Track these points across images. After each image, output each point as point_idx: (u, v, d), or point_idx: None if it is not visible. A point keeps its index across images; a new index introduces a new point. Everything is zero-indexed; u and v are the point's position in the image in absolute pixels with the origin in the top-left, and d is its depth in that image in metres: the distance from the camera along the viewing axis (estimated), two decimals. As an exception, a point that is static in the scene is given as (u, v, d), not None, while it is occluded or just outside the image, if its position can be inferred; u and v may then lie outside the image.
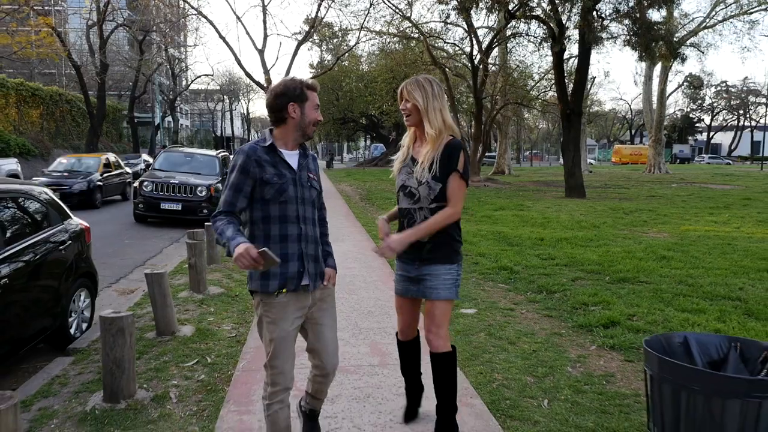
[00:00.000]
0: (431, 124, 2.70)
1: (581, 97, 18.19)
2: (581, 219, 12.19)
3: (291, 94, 2.45)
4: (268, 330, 2.44)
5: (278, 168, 2.46)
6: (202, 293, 5.83)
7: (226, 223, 2.40)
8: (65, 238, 4.76)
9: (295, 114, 2.47)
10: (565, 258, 7.90)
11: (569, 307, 5.55)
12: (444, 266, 2.78)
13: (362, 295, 5.97)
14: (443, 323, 2.84)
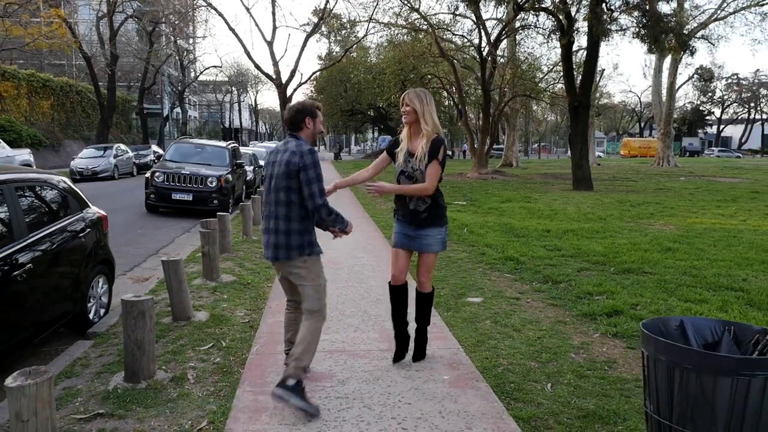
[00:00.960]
0: (426, 123, 3.64)
1: (589, 90, 18.19)
2: (588, 211, 12.26)
3: (307, 111, 3.38)
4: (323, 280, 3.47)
5: None
6: (215, 281, 5.98)
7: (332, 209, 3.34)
8: (84, 226, 4.92)
9: (310, 126, 3.39)
10: (571, 249, 8.00)
11: (574, 296, 5.66)
12: (436, 228, 3.79)
13: (371, 283, 6.10)
14: (431, 270, 3.99)
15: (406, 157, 3.73)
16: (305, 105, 3.47)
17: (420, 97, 3.65)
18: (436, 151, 3.64)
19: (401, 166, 3.76)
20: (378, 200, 15.54)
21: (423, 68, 31.81)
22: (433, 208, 3.75)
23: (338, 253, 7.76)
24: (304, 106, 3.45)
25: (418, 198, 3.71)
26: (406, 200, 3.80)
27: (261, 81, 72.98)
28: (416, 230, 3.78)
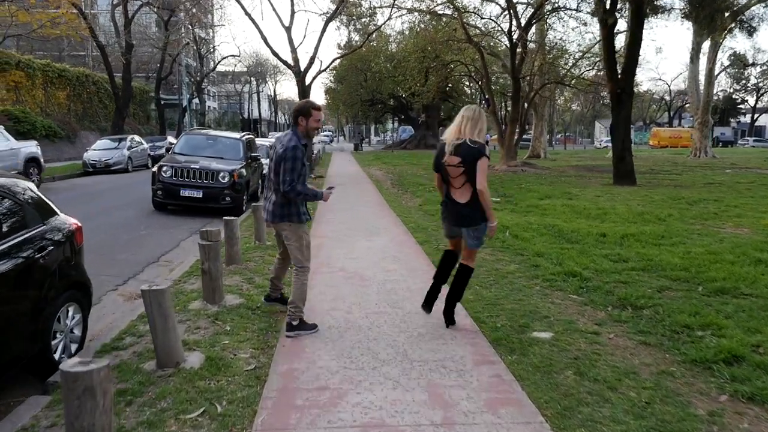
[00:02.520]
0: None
1: (633, 75, 16.73)
2: (642, 210, 10.94)
3: (302, 111, 4.27)
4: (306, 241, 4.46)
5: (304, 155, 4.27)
6: (217, 304, 4.89)
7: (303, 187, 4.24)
8: (47, 242, 3.85)
9: (303, 123, 4.26)
10: (639, 260, 6.75)
11: (668, 330, 4.45)
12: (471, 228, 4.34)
13: (407, 308, 4.95)
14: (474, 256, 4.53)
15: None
16: (302, 106, 4.38)
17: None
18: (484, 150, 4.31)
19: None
20: (404, 196, 14.36)
21: (447, 56, 30.44)
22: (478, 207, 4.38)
23: (364, 263, 6.63)
24: (300, 106, 4.39)
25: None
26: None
27: (280, 71, 72.00)
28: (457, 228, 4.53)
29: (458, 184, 4.27)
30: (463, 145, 4.18)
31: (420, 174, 21.06)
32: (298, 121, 4.24)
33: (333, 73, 51.22)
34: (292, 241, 4.33)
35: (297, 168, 4.14)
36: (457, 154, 4.18)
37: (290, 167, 4.13)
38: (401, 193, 15.07)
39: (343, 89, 50.20)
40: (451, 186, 4.34)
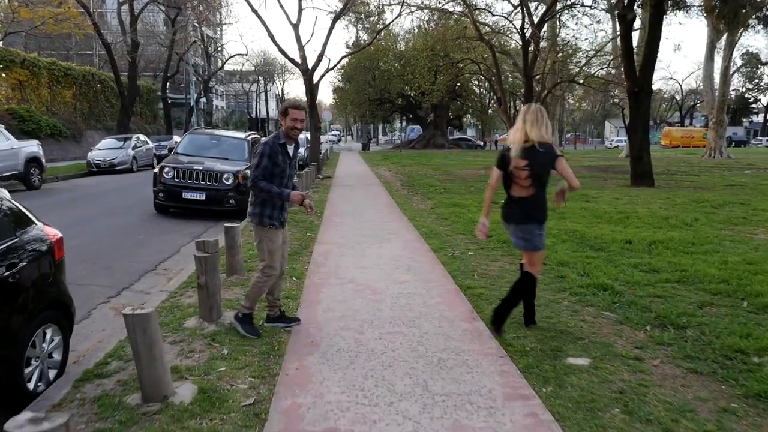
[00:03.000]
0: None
1: (651, 73, 16.11)
2: (665, 214, 10.39)
3: (282, 109, 4.27)
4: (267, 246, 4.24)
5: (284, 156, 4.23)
6: (215, 322, 4.43)
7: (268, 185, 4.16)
8: (19, 257, 3.40)
9: (282, 123, 4.24)
10: (672, 270, 6.24)
11: (718, 355, 3.95)
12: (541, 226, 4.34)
13: (425, 328, 4.47)
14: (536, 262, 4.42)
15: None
16: (284, 104, 4.28)
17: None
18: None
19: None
20: (415, 198, 13.88)
21: (456, 54, 29.93)
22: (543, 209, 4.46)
23: (375, 273, 6.16)
24: (282, 105, 4.28)
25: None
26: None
27: (288, 70, 71.60)
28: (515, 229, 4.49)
29: (526, 184, 4.26)
30: (531, 149, 4.09)
31: (430, 175, 20.56)
32: (280, 121, 4.25)
33: (341, 72, 50.81)
34: (257, 242, 4.29)
35: (262, 164, 4.09)
36: (524, 158, 4.13)
37: (256, 162, 4.12)
38: (411, 195, 14.59)
39: (351, 88, 49.77)
40: (516, 185, 4.29)
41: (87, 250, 7.72)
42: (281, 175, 4.19)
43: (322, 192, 15.28)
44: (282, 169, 4.17)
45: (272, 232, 4.20)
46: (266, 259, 4.22)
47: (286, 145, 4.20)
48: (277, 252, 4.26)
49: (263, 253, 4.24)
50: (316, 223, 9.82)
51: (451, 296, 5.36)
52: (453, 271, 6.32)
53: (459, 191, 14.91)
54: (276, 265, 4.26)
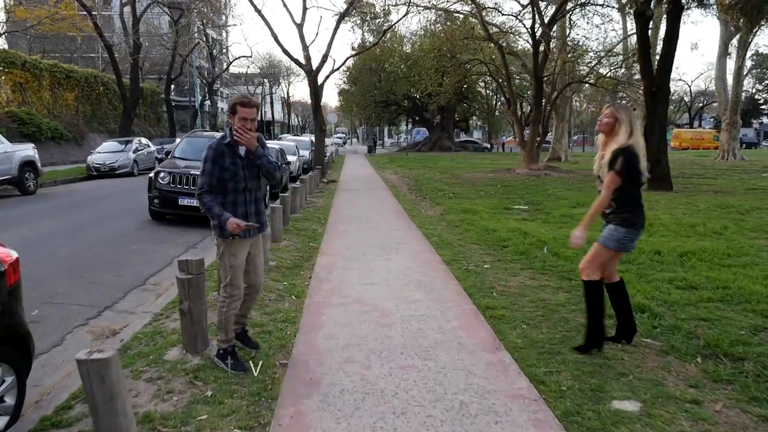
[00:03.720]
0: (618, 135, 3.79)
1: (669, 72, 15.48)
2: (691, 221, 9.76)
3: (230, 107, 3.67)
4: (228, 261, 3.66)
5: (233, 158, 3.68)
6: (200, 354, 3.86)
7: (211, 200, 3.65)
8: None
9: (232, 121, 3.67)
10: (712, 287, 5.62)
11: (791, 397, 3.34)
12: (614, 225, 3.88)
13: (441, 360, 3.87)
14: (594, 260, 4.03)
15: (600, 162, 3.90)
16: (232, 100, 3.68)
17: (627, 110, 3.83)
18: (614, 162, 3.71)
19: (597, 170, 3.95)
20: (423, 203, 13.29)
21: (463, 55, 29.33)
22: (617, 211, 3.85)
23: (383, 291, 5.57)
24: (231, 101, 3.69)
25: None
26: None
27: (293, 72, 71.24)
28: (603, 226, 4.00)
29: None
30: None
31: (438, 178, 19.97)
32: (229, 120, 3.69)
33: (347, 75, 50.30)
34: (218, 258, 3.75)
35: (207, 170, 3.59)
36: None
37: (202, 170, 3.64)
38: (419, 200, 13.99)
39: (356, 90, 49.24)
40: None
41: (72, 262, 7.17)
42: (234, 180, 3.64)
43: (326, 197, 14.71)
44: (233, 173, 3.63)
45: (236, 244, 3.65)
46: (228, 275, 3.67)
47: (232, 145, 3.65)
48: (240, 268, 3.71)
49: (224, 270, 3.70)
50: (320, 231, 9.25)
51: (469, 319, 4.77)
52: (469, 287, 5.73)
53: (469, 196, 14.31)
54: (239, 283, 3.73)
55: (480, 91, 51.57)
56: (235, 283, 3.69)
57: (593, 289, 4.01)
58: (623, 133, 3.74)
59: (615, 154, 3.72)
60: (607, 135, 3.87)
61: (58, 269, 6.81)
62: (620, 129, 3.76)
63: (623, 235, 3.85)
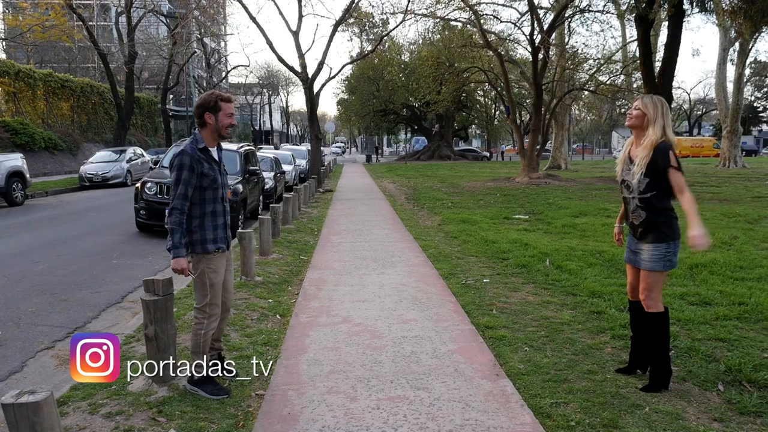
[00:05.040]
0: (654, 131, 3.34)
1: (671, 79, 15.23)
2: (698, 231, 9.38)
3: (207, 105, 3.35)
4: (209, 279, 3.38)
5: (210, 163, 3.38)
6: (168, 384, 3.47)
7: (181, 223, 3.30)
8: None
9: (211, 121, 3.37)
10: (728, 303, 5.26)
11: (829, 434, 2.96)
12: (651, 245, 3.39)
13: (437, 391, 3.48)
14: (653, 288, 3.45)
15: (627, 165, 3.48)
16: (206, 98, 3.40)
17: (656, 104, 3.39)
18: (667, 158, 3.28)
19: (622, 174, 3.51)
20: (420, 213, 12.92)
21: (461, 63, 29.13)
22: (648, 224, 3.40)
23: (375, 309, 5.19)
24: (204, 99, 3.40)
25: (634, 210, 3.45)
26: (625, 210, 3.61)
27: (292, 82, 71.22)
28: (637, 243, 3.52)
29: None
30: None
31: (436, 187, 19.63)
32: (205, 120, 3.36)
33: (345, 83, 50.13)
34: (195, 276, 3.44)
35: (183, 178, 3.25)
36: None
37: (174, 180, 3.28)
38: (417, 210, 13.63)
39: (355, 99, 49.06)
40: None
41: (48, 278, 6.80)
42: (214, 187, 3.38)
43: (322, 206, 14.35)
44: (213, 179, 3.37)
45: (217, 259, 3.42)
46: (208, 294, 3.40)
47: (208, 149, 3.39)
48: (220, 285, 3.47)
49: (204, 288, 3.41)
50: (312, 243, 8.87)
51: (467, 340, 4.39)
52: (467, 304, 5.35)
53: (468, 205, 13.95)
54: (219, 301, 3.47)
55: (479, 99, 51.44)
56: (215, 302, 3.45)
57: (661, 320, 3.50)
58: (659, 127, 3.32)
59: (662, 150, 3.27)
60: (637, 130, 3.45)
61: (31, 286, 6.44)
62: (655, 122, 3.33)
63: (665, 251, 3.40)
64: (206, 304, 3.42)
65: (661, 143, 3.31)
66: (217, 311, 3.48)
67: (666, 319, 3.52)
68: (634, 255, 3.54)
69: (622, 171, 3.53)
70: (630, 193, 3.46)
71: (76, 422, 3.08)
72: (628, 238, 3.64)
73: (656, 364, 3.51)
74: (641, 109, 3.41)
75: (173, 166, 3.32)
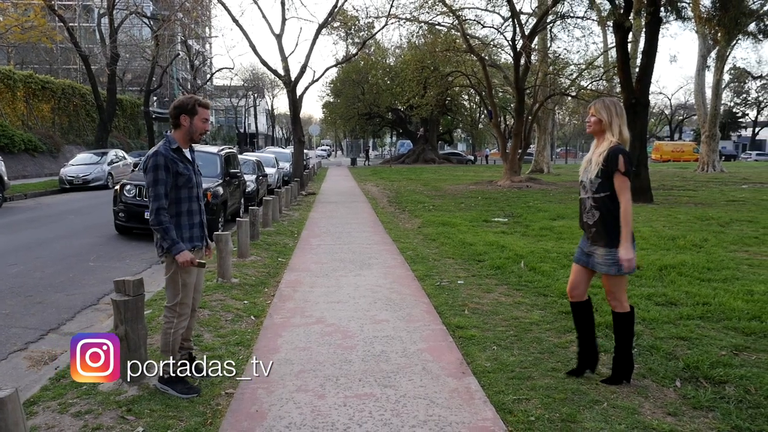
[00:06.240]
0: (612, 134, 3.44)
1: (648, 85, 15.51)
2: (671, 234, 9.60)
3: (183, 107, 3.42)
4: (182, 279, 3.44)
5: (184, 163, 3.44)
6: (138, 383, 3.52)
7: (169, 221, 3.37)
8: None
9: (185, 124, 3.43)
10: (692, 304, 5.41)
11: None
12: (604, 249, 3.44)
13: (403, 388, 3.56)
14: (616, 291, 3.56)
15: (588, 166, 3.54)
16: (184, 100, 3.45)
17: (608, 108, 3.48)
18: (616, 162, 3.35)
19: (582, 175, 3.57)
20: (401, 216, 13.03)
21: (446, 67, 29.33)
22: (602, 227, 3.43)
23: (349, 310, 5.27)
24: (182, 101, 3.45)
25: (588, 210, 3.50)
26: (580, 210, 3.62)
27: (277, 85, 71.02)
28: (590, 246, 3.56)
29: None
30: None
31: (419, 191, 19.76)
32: (180, 122, 3.41)
33: (330, 87, 50.20)
34: (167, 276, 3.50)
35: (160, 179, 3.31)
36: None
37: (152, 179, 3.32)
38: (398, 213, 13.74)
39: (340, 103, 49.16)
40: None
41: (23, 281, 6.78)
42: (189, 186, 3.45)
43: (303, 209, 14.40)
44: (188, 178, 3.43)
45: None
46: (179, 293, 3.47)
47: (181, 150, 3.45)
48: (192, 285, 3.55)
49: (176, 287, 3.47)
50: (291, 245, 8.93)
51: (437, 340, 4.48)
52: (440, 305, 5.45)
53: (449, 208, 14.09)
54: (190, 301, 3.55)
55: (463, 103, 51.76)
56: (185, 302, 3.52)
57: (628, 320, 3.60)
58: (616, 129, 3.41)
59: (613, 153, 3.34)
60: (598, 134, 3.52)
61: (6, 288, 6.42)
62: (611, 125, 3.42)
63: (617, 255, 3.43)
64: (177, 303, 3.48)
65: (614, 147, 3.38)
66: (187, 311, 3.55)
67: (632, 319, 3.63)
68: (587, 257, 3.58)
69: (582, 172, 3.61)
70: (586, 193, 3.52)
71: (45, 421, 3.11)
72: (582, 239, 3.68)
73: (620, 358, 3.62)
74: (596, 116, 3.48)
75: (148, 167, 3.35)
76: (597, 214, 3.43)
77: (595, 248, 3.50)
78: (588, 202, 3.50)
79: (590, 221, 3.49)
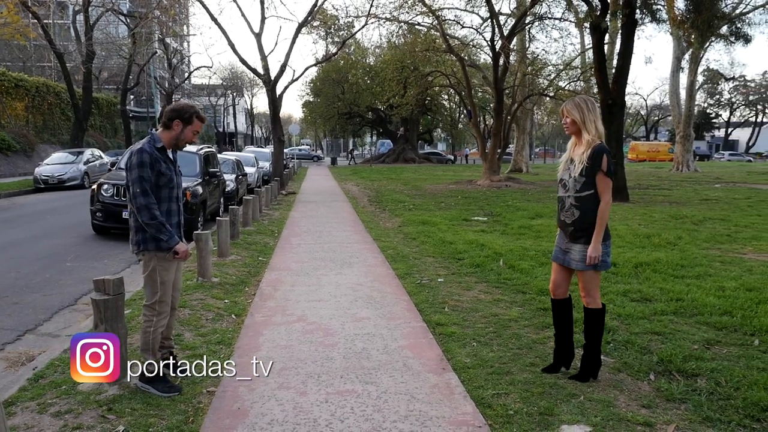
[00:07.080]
0: (588, 131, 3.47)
1: (624, 85, 15.76)
2: (646, 232, 9.80)
3: (181, 114, 3.46)
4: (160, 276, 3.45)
5: (167, 163, 3.46)
6: (118, 383, 3.50)
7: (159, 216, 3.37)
8: None
9: (177, 128, 3.47)
10: (666, 300, 5.55)
11: (743, 415, 3.21)
12: (582, 246, 3.49)
13: (384, 385, 3.60)
14: (591, 288, 3.61)
15: (567, 165, 3.58)
16: (184, 107, 3.50)
17: (579, 106, 3.52)
18: (600, 162, 3.41)
19: (562, 173, 3.61)
20: (382, 215, 13.07)
21: (425, 67, 29.45)
22: (580, 225, 3.49)
23: (330, 308, 5.29)
24: (183, 107, 3.50)
25: (567, 209, 3.53)
26: (558, 209, 3.67)
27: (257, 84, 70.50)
28: (567, 243, 3.61)
29: None
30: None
31: (399, 190, 19.83)
32: (173, 125, 3.45)
33: (310, 86, 50.01)
34: (145, 274, 3.52)
35: (145, 176, 3.31)
36: None
37: (136, 177, 3.31)
38: (379, 212, 13.78)
39: (320, 102, 48.99)
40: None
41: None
42: (170, 186, 3.47)
43: (283, 209, 14.36)
44: (169, 178, 3.46)
45: (169, 258, 3.50)
46: (158, 292, 3.48)
47: (165, 149, 3.49)
48: (171, 283, 3.56)
49: (154, 286, 3.48)
50: (271, 244, 8.91)
51: (418, 337, 4.53)
52: (420, 303, 5.50)
53: (429, 207, 14.17)
54: (169, 299, 3.57)
55: (443, 103, 52.01)
56: (164, 300, 3.53)
57: (599, 316, 3.67)
58: (591, 126, 3.44)
59: (596, 153, 3.38)
60: (576, 135, 3.54)
61: (-19, 289, 6.31)
62: (585, 123, 3.45)
63: (603, 251, 3.49)
64: (156, 301, 3.49)
65: (597, 146, 3.43)
66: (166, 309, 3.56)
67: (602, 315, 3.70)
68: (564, 254, 3.63)
69: (562, 170, 3.63)
70: (566, 192, 3.54)
71: (24, 421, 3.09)
72: (558, 237, 3.74)
73: (588, 355, 3.69)
74: (569, 117, 3.53)
75: (132, 164, 3.34)
76: (577, 213, 3.47)
77: (572, 245, 3.56)
78: (568, 200, 3.53)
79: (568, 220, 3.53)
